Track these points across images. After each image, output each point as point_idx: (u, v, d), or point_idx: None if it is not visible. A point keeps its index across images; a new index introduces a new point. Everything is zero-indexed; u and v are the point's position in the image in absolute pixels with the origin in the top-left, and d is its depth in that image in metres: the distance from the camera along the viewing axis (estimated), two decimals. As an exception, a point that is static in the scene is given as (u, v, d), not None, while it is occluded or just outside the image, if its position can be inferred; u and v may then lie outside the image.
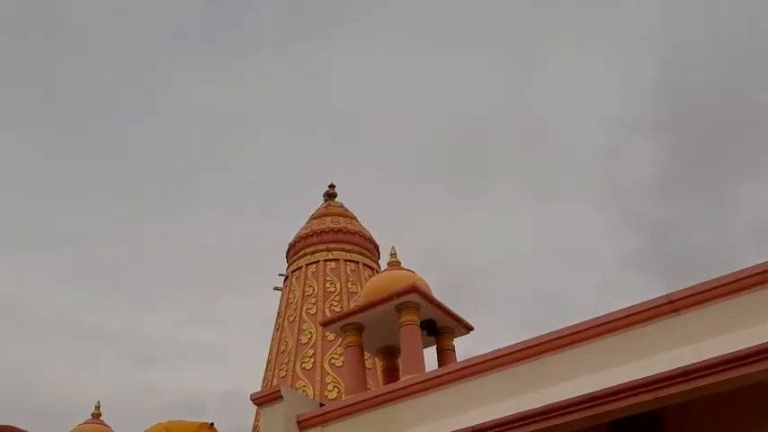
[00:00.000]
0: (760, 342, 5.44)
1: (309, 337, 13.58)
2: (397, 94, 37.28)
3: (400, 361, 9.20)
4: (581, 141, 35.92)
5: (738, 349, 5.48)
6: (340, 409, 8.18)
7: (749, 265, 6.35)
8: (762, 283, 6.22)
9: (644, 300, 6.74)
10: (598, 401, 5.92)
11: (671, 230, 33.21)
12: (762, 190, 32.06)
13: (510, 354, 7.25)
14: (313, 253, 15.03)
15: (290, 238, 15.82)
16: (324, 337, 13.30)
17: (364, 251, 15.30)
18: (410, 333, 8.82)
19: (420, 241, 30.41)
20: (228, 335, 35.95)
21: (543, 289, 35.18)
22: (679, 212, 34.27)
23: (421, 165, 37.65)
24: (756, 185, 32.45)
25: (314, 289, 14.36)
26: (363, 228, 15.82)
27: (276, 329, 14.55)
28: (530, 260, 35.50)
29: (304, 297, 14.31)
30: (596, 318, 6.93)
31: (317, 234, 15.25)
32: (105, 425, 11.35)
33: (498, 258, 35.80)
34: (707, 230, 33.47)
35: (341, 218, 15.78)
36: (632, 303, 6.79)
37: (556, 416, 6.07)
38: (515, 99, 36.90)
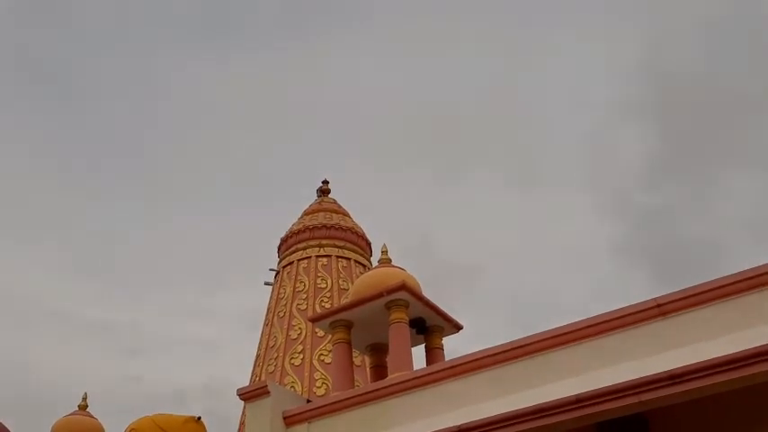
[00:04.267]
0: (746, 347, 5.47)
1: (299, 332, 13.56)
2: (392, 91, 37.20)
3: (388, 359, 9.19)
4: (567, 128, 35.76)
5: (724, 354, 5.50)
6: (326, 405, 8.17)
7: (737, 270, 6.38)
8: (749, 288, 6.24)
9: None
10: (584, 403, 5.94)
11: (658, 219, 33.15)
12: (752, 178, 31.98)
13: (498, 354, 7.25)
14: (305, 249, 14.99)
15: (283, 234, 15.79)
16: (313, 333, 13.27)
17: (356, 248, 15.27)
18: (399, 331, 8.81)
19: (407, 236, 30.40)
20: (219, 329, 35.99)
21: (529, 279, 35.22)
22: (666, 200, 34.16)
23: (407, 155, 37.72)
24: (746, 173, 32.34)
25: (305, 285, 14.32)
26: (356, 224, 15.79)
27: (266, 324, 14.52)
28: (515, 251, 35.49)
29: (295, 293, 14.28)
30: (584, 319, 6.94)
31: (310, 230, 15.21)
32: (92, 416, 11.31)
33: (484, 252, 35.76)
34: (695, 219, 33.41)
35: (334, 214, 15.74)
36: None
37: (542, 417, 6.08)
38: (500, 86, 36.85)
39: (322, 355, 13.03)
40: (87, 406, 11.45)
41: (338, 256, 14.83)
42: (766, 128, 31.21)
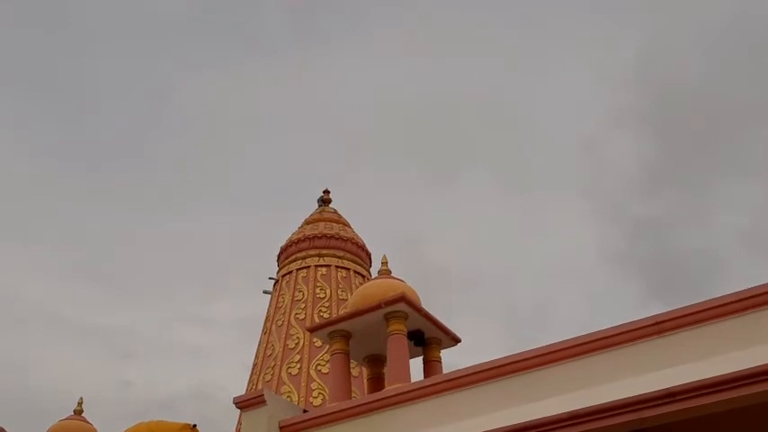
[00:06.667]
0: (744, 367, 5.46)
1: (297, 342, 13.53)
2: (392, 91, 37.24)
3: (386, 370, 9.17)
4: (564, 134, 35.92)
5: (722, 373, 5.50)
6: (323, 416, 8.14)
7: (735, 285, 6.41)
8: (748, 307, 6.24)
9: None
10: (581, 419, 5.93)
11: (655, 228, 33.10)
12: (750, 186, 31.90)
13: (496, 368, 7.24)
14: (304, 258, 15.00)
15: (283, 242, 15.80)
16: (311, 343, 13.25)
17: (356, 258, 15.28)
18: (397, 342, 8.79)
19: (404, 240, 30.33)
20: (216, 335, 35.87)
21: (525, 287, 35.15)
22: (663, 209, 34.12)
23: (406, 156, 37.82)
24: (744, 181, 32.25)
25: (303, 294, 14.32)
26: (356, 235, 15.81)
27: (264, 333, 14.50)
28: (512, 258, 35.44)
29: (293, 302, 14.27)
30: (583, 335, 6.93)
31: (310, 239, 15.23)
32: (87, 421, 11.27)
33: (481, 258, 35.65)
34: (692, 228, 33.35)
35: (334, 224, 15.76)
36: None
37: (538, 432, 6.07)
38: (499, 90, 36.90)
39: (319, 365, 13.00)
40: (83, 411, 11.41)
41: (338, 266, 14.84)
42: (764, 136, 31.25)
